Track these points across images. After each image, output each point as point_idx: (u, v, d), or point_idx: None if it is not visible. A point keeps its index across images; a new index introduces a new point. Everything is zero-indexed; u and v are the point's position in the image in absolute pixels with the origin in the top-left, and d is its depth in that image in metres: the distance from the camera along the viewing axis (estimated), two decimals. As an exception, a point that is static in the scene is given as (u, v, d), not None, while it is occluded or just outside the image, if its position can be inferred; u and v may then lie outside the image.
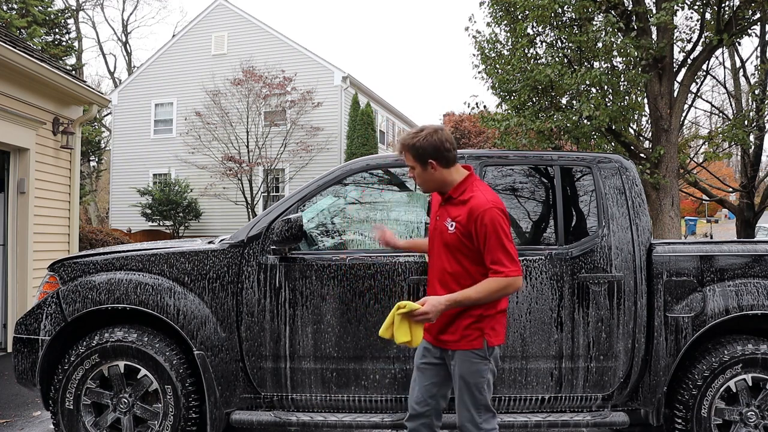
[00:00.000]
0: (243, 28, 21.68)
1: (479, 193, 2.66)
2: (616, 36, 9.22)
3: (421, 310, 2.54)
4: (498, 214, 2.58)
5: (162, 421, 3.35)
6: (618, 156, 3.69)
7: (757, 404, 3.32)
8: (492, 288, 2.55)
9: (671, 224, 9.30)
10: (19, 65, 6.61)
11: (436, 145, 2.67)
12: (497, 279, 2.55)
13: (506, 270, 2.54)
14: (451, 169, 2.73)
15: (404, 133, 2.76)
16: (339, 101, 20.54)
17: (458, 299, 2.57)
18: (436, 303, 2.55)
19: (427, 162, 2.69)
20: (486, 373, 2.69)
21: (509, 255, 2.56)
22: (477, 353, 2.66)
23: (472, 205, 2.61)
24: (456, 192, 2.71)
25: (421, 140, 2.68)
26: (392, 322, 2.57)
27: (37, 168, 7.36)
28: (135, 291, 3.42)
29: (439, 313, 2.57)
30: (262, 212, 4.58)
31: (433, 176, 2.72)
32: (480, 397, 2.68)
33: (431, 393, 2.84)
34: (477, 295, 2.56)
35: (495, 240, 2.55)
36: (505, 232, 2.58)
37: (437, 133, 2.68)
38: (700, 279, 3.40)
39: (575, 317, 3.38)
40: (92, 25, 58.53)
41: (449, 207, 2.73)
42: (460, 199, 2.68)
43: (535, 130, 9.85)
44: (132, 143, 22.42)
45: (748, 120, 11.04)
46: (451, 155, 2.71)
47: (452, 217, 2.68)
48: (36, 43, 15.20)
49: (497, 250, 2.55)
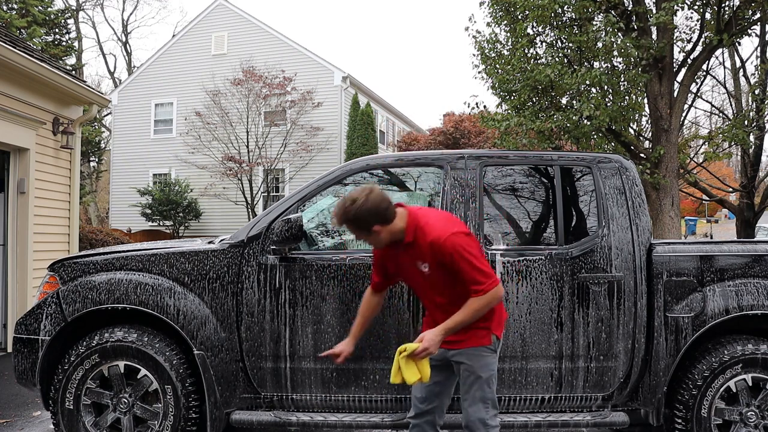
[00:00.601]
0: (243, 28, 21.67)
1: (429, 227, 2.67)
2: (616, 36, 9.22)
3: (422, 347, 2.63)
4: (455, 239, 2.63)
5: (162, 421, 3.35)
6: (618, 156, 3.69)
7: (757, 404, 3.32)
8: (477, 306, 2.64)
9: (671, 224, 9.30)
10: (19, 65, 6.61)
11: (373, 211, 2.64)
12: (479, 297, 2.63)
13: (484, 286, 2.62)
14: (394, 221, 2.71)
15: (336, 207, 2.71)
16: (339, 101, 20.54)
17: (450, 326, 2.66)
18: (433, 337, 2.64)
19: (371, 229, 2.69)
20: (494, 366, 2.81)
21: (481, 271, 2.63)
22: (488, 348, 2.78)
23: (429, 241, 2.65)
24: (409, 237, 2.72)
25: (357, 210, 2.64)
26: (399, 367, 2.67)
27: (37, 168, 7.36)
28: (135, 291, 3.42)
29: (438, 344, 2.66)
30: (262, 212, 4.59)
31: (382, 237, 2.72)
32: (489, 392, 2.78)
33: (435, 392, 2.91)
34: (466, 317, 2.65)
35: (463, 263, 2.62)
36: (470, 252, 2.63)
37: (369, 197, 2.64)
38: (700, 279, 3.40)
39: (575, 317, 3.38)
40: (92, 25, 58.59)
41: (411, 251, 2.75)
42: (418, 241, 2.70)
43: (535, 130, 9.85)
44: (132, 143, 22.42)
45: (748, 120, 11.04)
46: (390, 211, 2.69)
47: (420, 259, 2.72)
48: (36, 43, 15.20)
49: (469, 271, 2.62)
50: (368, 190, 2.67)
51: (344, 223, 2.71)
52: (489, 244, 3.46)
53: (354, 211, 2.64)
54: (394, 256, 2.85)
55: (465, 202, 3.50)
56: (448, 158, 3.60)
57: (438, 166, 3.59)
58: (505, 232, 3.55)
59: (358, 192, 2.68)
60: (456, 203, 3.49)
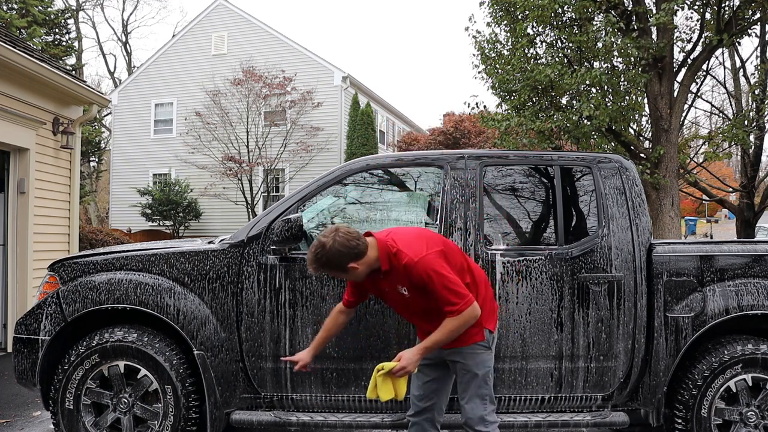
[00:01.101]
0: (243, 28, 21.67)
1: (401, 253, 2.67)
2: (616, 36, 9.22)
3: (400, 366, 2.65)
4: (426, 261, 2.62)
5: (162, 421, 3.35)
6: (618, 156, 3.69)
7: (757, 404, 3.32)
8: (453, 327, 2.64)
9: (671, 224, 9.30)
10: (19, 65, 6.61)
11: (344, 251, 2.64)
12: (453, 318, 2.63)
13: (457, 307, 2.62)
14: (367, 254, 2.71)
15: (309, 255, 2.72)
16: (339, 101, 20.54)
17: (428, 346, 2.67)
18: (411, 356, 2.67)
19: (347, 268, 2.69)
20: (490, 362, 2.83)
21: (454, 292, 2.62)
22: (481, 344, 2.79)
23: (404, 266, 2.66)
24: (385, 264, 2.72)
25: (328, 254, 2.64)
26: (375, 384, 2.70)
27: (37, 168, 7.36)
28: (135, 291, 3.42)
29: (416, 363, 2.68)
30: (262, 212, 4.59)
31: (360, 271, 2.72)
32: (486, 388, 2.80)
33: (432, 389, 2.94)
34: (443, 337, 2.66)
35: (437, 285, 2.62)
36: (441, 274, 2.61)
37: (336, 238, 2.64)
38: (700, 279, 3.40)
39: (575, 317, 3.38)
40: (92, 25, 58.56)
41: (390, 278, 2.76)
42: (393, 267, 2.71)
43: (535, 130, 9.85)
44: (132, 143, 22.42)
45: (748, 120, 11.04)
46: (360, 245, 2.68)
47: (400, 284, 2.73)
48: (36, 43, 15.20)
49: (443, 293, 2.62)
50: (334, 231, 2.67)
51: (319, 269, 2.73)
52: (489, 244, 3.46)
53: (325, 256, 2.65)
54: (374, 283, 2.86)
55: (465, 202, 3.50)
56: (448, 158, 3.60)
57: (438, 166, 3.59)
58: (505, 232, 3.55)
59: (325, 236, 2.68)
60: (456, 203, 3.50)
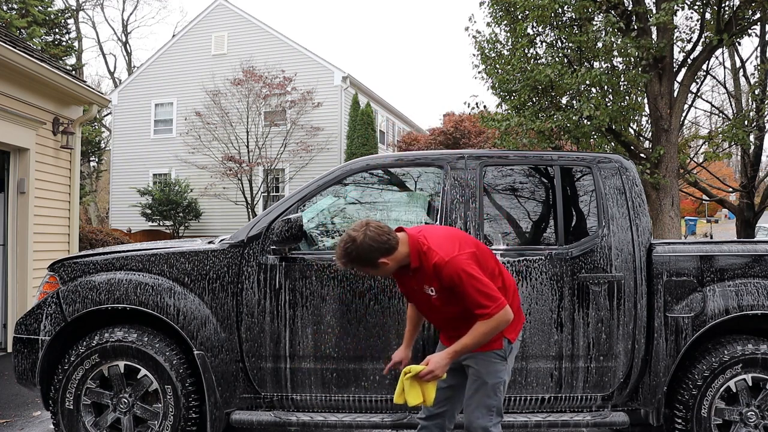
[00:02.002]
0: (243, 28, 21.67)
1: (431, 251, 2.61)
2: (616, 36, 9.22)
3: (428, 369, 2.58)
4: (457, 261, 2.55)
5: (162, 421, 3.35)
6: (618, 156, 3.69)
7: (757, 404, 3.32)
8: (484, 330, 2.56)
9: (671, 224, 9.30)
10: (19, 65, 6.61)
11: (374, 245, 2.56)
12: (484, 321, 2.55)
13: (489, 310, 2.53)
14: (398, 249, 2.63)
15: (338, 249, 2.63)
16: (339, 101, 20.53)
17: (458, 350, 2.60)
18: (439, 360, 2.59)
19: (377, 264, 2.61)
20: (503, 374, 2.74)
21: (486, 294, 2.54)
22: (497, 353, 2.71)
23: (434, 266, 2.59)
24: (415, 262, 2.65)
25: (358, 249, 2.56)
26: (402, 389, 2.63)
27: (37, 168, 7.36)
28: (135, 291, 3.42)
29: (445, 368, 2.60)
30: (262, 212, 4.58)
31: (390, 267, 2.65)
32: (495, 399, 2.73)
33: (447, 395, 2.89)
34: (473, 341, 2.58)
35: (467, 287, 2.54)
36: (472, 275, 2.54)
37: (366, 233, 2.56)
38: (700, 279, 3.40)
39: (575, 317, 3.38)
40: (92, 25, 58.57)
41: (418, 277, 2.69)
42: (423, 267, 2.65)
43: (535, 130, 9.85)
44: (132, 143, 22.42)
45: (748, 120, 11.03)
46: (391, 240, 2.61)
47: (427, 284, 2.66)
48: (36, 43, 15.20)
49: (474, 295, 2.54)
50: (364, 225, 2.59)
51: (348, 264, 2.63)
52: (489, 244, 3.45)
53: (356, 251, 2.57)
54: (403, 280, 2.80)
55: (465, 202, 3.50)
56: (448, 158, 3.60)
57: (438, 166, 3.59)
58: (505, 232, 3.55)
59: (354, 229, 2.60)
60: (456, 203, 3.49)
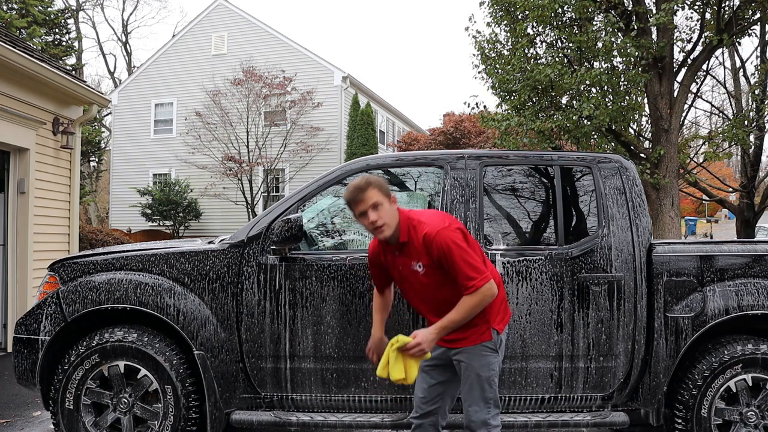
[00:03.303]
0: (243, 28, 21.67)
1: (421, 224, 2.69)
2: (616, 36, 9.22)
3: (414, 342, 2.61)
4: (446, 232, 2.63)
5: (162, 421, 3.35)
6: (618, 156, 3.69)
7: (757, 404, 3.32)
8: (471, 304, 2.62)
9: (671, 224, 9.29)
10: (19, 65, 6.61)
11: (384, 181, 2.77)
12: (471, 295, 2.61)
13: (475, 281, 2.59)
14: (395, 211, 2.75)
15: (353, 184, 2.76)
16: (339, 101, 20.54)
17: (445, 325, 2.65)
18: (427, 335, 2.63)
19: (390, 196, 2.74)
20: (495, 366, 2.79)
21: (473, 266, 2.61)
22: (487, 346, 2.75)
23: (424, 238, 2.65)
24: (404, 236, 2.72)
25: (375, 179, 2.73)
26: (387, 361, 2.65)
27: (37, 168, 7.36)
28: (135, 291, 3.42)
29: (432, 342, 2.65)
30: (262, 212, 4.58)
31: (394, 211, 2.73)
32: (491, 392, 2.76)
33: (438, 392, 2.90)
34: (460, 316, 2.63)
35: (456, 257, 2.60)
36: (461, 246, 2.62)
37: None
38: (700, 279, 3.40)
39: (575, 317, 3.38)
40: (92, 25, 58.55)
41: (406, 252, 2.74)
42: (411, 238, 2.70)
43: (535, 130, 9.84)
44: (132, 143, 22.42)
45: (748, 120, 11.03)
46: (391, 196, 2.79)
47: (415, 259, 2.71)
48: (36, 43, 15.21)
49: (462, 266, 2.60)
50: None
51: (371, 186, 2.71)
52: (489, 244, 3.46)
53: (373, 179, 2.73)
54: (390, 261, 2.85)
55: (465, 202, 3.50)
56: (448, 158, 3.60)
57: (438, 166, 3.59)
58: (505, 232, 3.55)
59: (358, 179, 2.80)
60: (456, 203, 3.49)
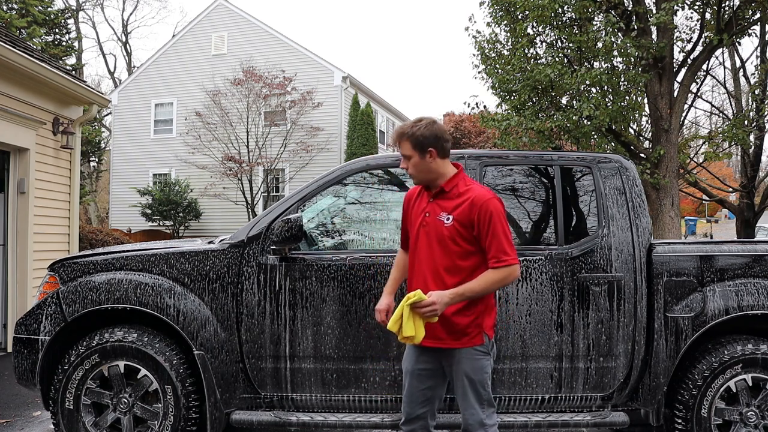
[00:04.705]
0: (243, 28, 21.67)
1: (476, 185, 2.73)
2: (616, 36, 9.22)
3: (428, 301, 2.55)
4: (499, 204, 2.67)
5: (162, 421, 3.35)
6: (618, 156, 3.69)
7: (757, 404, 3.32)
8: (494, 279, 2.60)
9: (671, 224, 9.30)
10: (19, 65, 6.61)
11: (436, 134, 2.70)
12: (499, 269, 2.59)
13: (509, 258, 2.59)
14: (446, 161, 2.77)
15: (401, 125, 2.83)
16: (339, 101, 20.53)
17: (462, 293, 2.59)
18: (441, 296, 2.57)
19: (427, 150, 2.71)
20: (488, 368, 2.76)
21: (510, 243, 2.63)
22: (479, 349, 2.71)
23: (473, 195, 2.65)
24: (449, 185, 2.73)
25: (422, 129, 2.70)
26: (401, 316, 2.57)
27: (37, 168, 7.36)
28: (135, 291, 3.42)
29: (445, 305, 2.58)
30: (262, 212, 4.58)
31: (430, 166, 2.73)
32: (484, 394, 2.75)
33: (427, 396, 2.85)
34: (480, 287, 2.60)
35: (498, 229, 2.60)
36: (504, 222, 2.65)
37: (436, 124, 2.75)
38: (700, 279, 3.40)
39: (575, 318, 3.38)
40: (92, 25, 58.59)
41: (442, 201, 2.73)
42: (456, 192, 2.71)
43: (535, 130, 9.85)
44: (132, 143, 22.42)
45: (748, 120, 11.04)
46: (448, 146, 2.77)
47: (448, 210, 2.69)
48: (36, 43, 15.21)
49: (501, 239, 2.60)
50: (436, 120, 2.78)
51: (404, 138, 2.72)
52: (489, 244, 3.45)
53: (420, 128, 2.70)
54: (417, 206, 2.83)
55: (465, 202, 3.49)
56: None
57: (438, 166, 3.58)
58: (505, 232, 3.54)
59: (425, 117, 2.78)
60: (456, 203, 3.49)
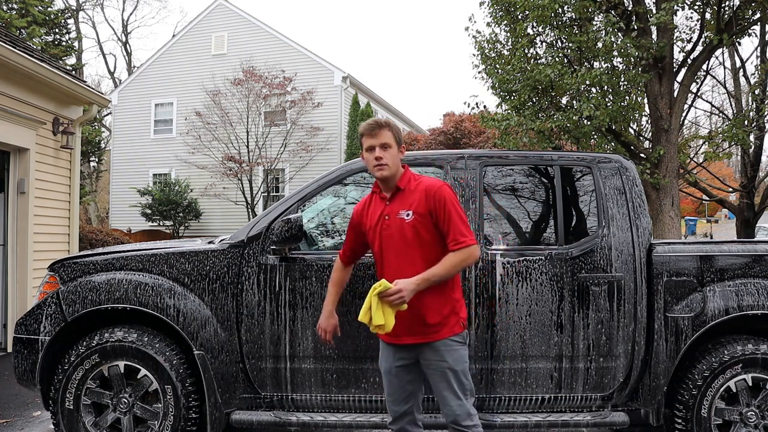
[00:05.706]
0: (243, 28, 21.66)
1: (425, 178, 2.88)
2: (616, 36, 9.22)
3: (395, 289, 2.59)
4: (451, 191, 2.79)
5: (162, 421, 3.35)
6: (618, 156, 3.69)
7: (757, 404, 3.32)
8: (456, 261, 2.68)
9: (671, 224, 9.29)
10: (19, 65, 6.61)
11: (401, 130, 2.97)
12: (459, 251, 2.68)
13: (466, 239, 2.69)
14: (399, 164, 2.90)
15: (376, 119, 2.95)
16: (339, 101, 20.53)
17: (427, 278, 2.66)
18: (407, 284, 2.62)
19: (401, 144, 2.88)
20: (466, 357, 2.82)
21: (466, 224, 2.74)
22: (456, 339, 2.77)
23: (425, 186, 2.78)
24: (403, 182, 2.84)
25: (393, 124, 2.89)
26: (370, 306, 2.60)
27: (37, 168, 7.36)
28: (135, 291, 3.42)
29: (412, 292, 2.62)
30: (262, 212, 4.58)
31: (398, 160, 2.86)
32: (467, 383, 2.80)
33: (409, 391, 2.89)
34: (443, 271, 2.67)
35: (453, 213, 2.72)
36: (457, 205, 2.77)
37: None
38: (700, 279, 3.40)
39: (575, 318, 3.38)
40: (92, 25, 58.57)
41: (399, 200, 2.81)
42: (410, 188, 2.81)
43: (535, 130, 9.84)
44: (132, 143, 22.41)
45: (748, 120, 11.03)
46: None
47: (406, 207, 2.78)
48: (36, 43, 15.21)
49: (457, 222, 2.71)
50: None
51: (389, 128, 2.84)
52: (489, 244, 3.46)
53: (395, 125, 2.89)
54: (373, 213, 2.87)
55: (465, 202, 3.50)
56: (448, 158, 3.60)
57: (438, 166, 3.59)
58: (505, 232, 3.55)
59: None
60: (456, 203, 3.49)
